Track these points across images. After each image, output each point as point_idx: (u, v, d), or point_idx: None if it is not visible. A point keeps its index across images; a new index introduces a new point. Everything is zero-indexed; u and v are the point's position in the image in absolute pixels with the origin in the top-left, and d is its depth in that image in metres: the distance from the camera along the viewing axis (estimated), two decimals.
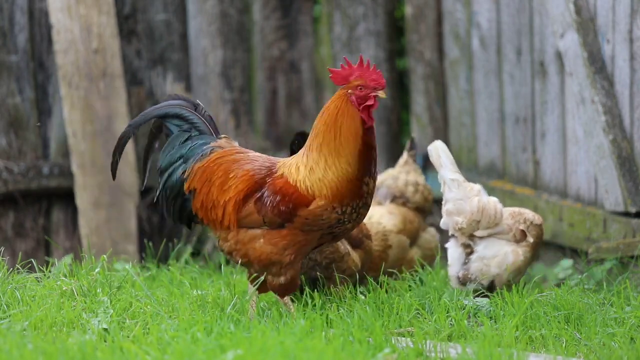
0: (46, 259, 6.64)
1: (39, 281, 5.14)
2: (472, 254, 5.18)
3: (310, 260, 5.01)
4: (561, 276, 6.09)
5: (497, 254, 5.16)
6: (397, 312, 4.70)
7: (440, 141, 5.23)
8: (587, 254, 6.02)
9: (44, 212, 6.95)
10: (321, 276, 5.03)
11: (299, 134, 5.10)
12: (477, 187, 5.19)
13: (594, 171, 6.12)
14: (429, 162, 5.29)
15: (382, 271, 5.31)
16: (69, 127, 6.84)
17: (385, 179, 5.79)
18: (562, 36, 6.17)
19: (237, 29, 7.32)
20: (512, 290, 4.98)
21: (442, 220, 5.19)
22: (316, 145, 4.59)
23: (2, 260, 5.17)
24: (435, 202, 5.88)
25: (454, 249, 5.22)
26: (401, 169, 5.82)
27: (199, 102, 4.85)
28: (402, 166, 5.84)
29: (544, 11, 6.39)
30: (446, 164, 5.16)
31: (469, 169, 7.05)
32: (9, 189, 6.77)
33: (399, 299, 4.80)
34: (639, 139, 5.85)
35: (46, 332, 4.46)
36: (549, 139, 6.50)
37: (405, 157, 5.86)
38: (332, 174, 4.57)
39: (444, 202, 5.19)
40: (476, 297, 5.01)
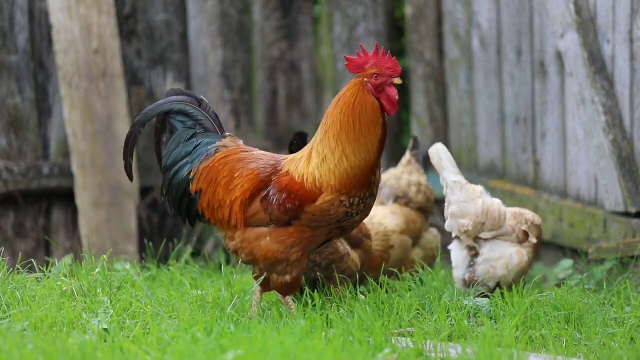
0: (46, 259, 6.64)
1: (39, 281, 5.14)
2: (477, 256, 5.17)
3: (309, 261, 5.01)
4: (561, 276, 6.08)
5: (502, 256, 5.16)
6: (397, 312, 4.70)
7: (440, 143, 5.22)
8: (587, 254, 6.02)
9: (44, 212, 6.95)
10: (321, 276, 5.03)
11: (297, 134, 5.09)
12: (480, 189, 5.19)
13: (594, 171, 6.12)
14: (429, 162, 5.28)
15: (384, 271, 5.31)
16: (69, 127, 6.84)
17: (387, 178, 5.77)
18: (562, 36, 6.17)
19: (237, 29, 7.32)
20: (512, 290, 4.98)
21: (447, 222, 5.18)
22: (333, 133, 4.55)
23: (2, 260, 5.17)
24: (435, 202, 5.88)
25: (458, 251, 5.20)
26: (404, 169, 5.81)
27: (202, 97, 4.81)
28: (405, 166, 5.82)
29: (544, 11, 6.39)
30: (448, 166, 5.15)
31: (469, 169, 7.05)
32: (9, 189, 6.76)
33: (399, 299, 4.79)
34: (639, 139, 5.85)
35: (46, 332, 4.46)
36: (549, 139, 6.50)
37: (407, 156, 5.84)
38: (348, 162, 4.53)
39: (446, 204, 5.18)
40: (476, 297, 5.01)
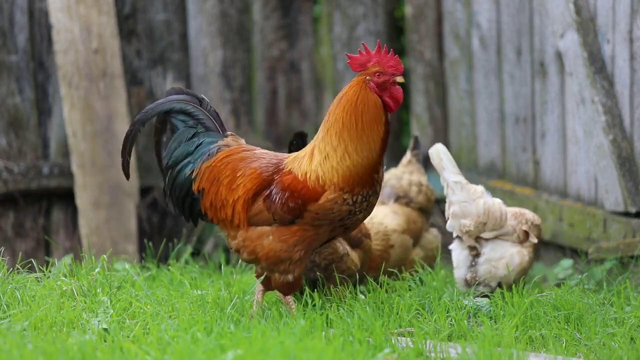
0: (46, 259, 6.64)
1: (39, 281, 5.14)
2: (478, 256, 5.17)
3: (309, 261, 5.00)
4: (561, 276, 6.08)
5: (504, 256, 5.16)
6: (397, 312, 4.70)
7: (441, 144, 5.21)
8: (587, 254, 6.02)
9: (44, 212, 6.95)
10: (321, 276, 5.03)
11: (297, 134, 5.09)
12: (481, 189, 5.18)
13: (594, 171, 6.12)
14: (430, 162, 5.28)
15: (384, 271, 5.31)
16: (69, 127, 6.84)
17: (389, 178, 5.77)
18: (562, 36, 6.17)
19: (237, 29, 7.32)
20: (512, 290, 4.98)
21: (448, 222, 5.17)
22: (335, 131, 4.55)
23: (2, 260, 5.17)
24: (435, 202, 5.88)
25: (459, 251, 5.20)
26: (404, 169, 5.81)
27: (203, 97, 4.80)
28: (406, 166, 5.82)
29: (544, 11, 6.39)
30: (448, 167, 5.15)
31: (469, 169, 7.05)
32: (9, 189, 6.76)
33: (399, 299, 4.79)
34: (639, 139, 5.85)
35: (46, 332, 4.46)
36: (549, 139, 6.49)
37: (408, 156, 5.84)
38: (350, 160, 4.53)
39: (447, 204, 5.18)
40: (476, 297, 5.01)
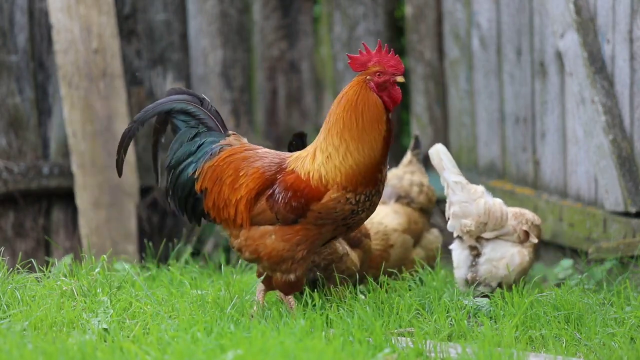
0: (46, 259, 6.64)
1: (39, 281, 5.14)
2: (479, 256, 5.16)
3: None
4: (561, 276, 6.08)
5: (504, 256, 5.16)
6: (397, 312, 4.70)
7: (441, 144, 5.21)
8: (587, 254, 6.02)
9: (44, 212, 6.95)
10: (321, 276, 5.03)
11: (296, 135, 5.09)
12: (481, 189, 5.18)
13: (594, 171, 6.12)
14: (429, 162, 5.28)
15: (384, 271, 5.31)
16: (69, 127, 6.84)
17: (390, 178, 5.76)
18: (562, 36, 6.17)
19: (237, 29, 7.32)
20: (512, 290, 4.98)
21: (449, 223, 5.17)
22: (336, 131, 4.55)
23: (2, 260, 5.17)
24: (436, 202, 5.87)
25: (459, 251, 5.20)
26: (405, 169, 5.80)
27: (204, 96, 4.79)
28: (406, 166, 5.82)
29: (544, 11, 6.39)
30: (448, 167, 5.15)
31: (469, 169, 7.05)
32: (9, 189, 6.76)
33: (399, 299, 4.79)
34: (639, 139, 5.85)
35: (46, 332, 4.46)
36: (549, 139, 6.49)
37: (409, 156, 5.84)
38: (353, 159, 4.53)
39: (448, 204, 5.18)
40: (476, 297, 5.01)
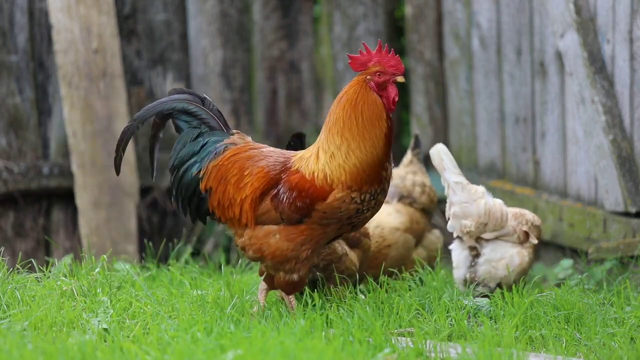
0: (46, 259, 6.64)
1: (39, 281, 5.14)
2: (478, 256, 5.16)
3: None
4: (561, 276, 6.08)
5: (504, 256, 5.15)
6: (397, 312, 4.70)
7: (441, 144, 5.21)
8: (587, 254, 6.02)
9: (44, 212, 6.95)
10: (321, 276, 5.03)
11: (295, 135, 5.08)
12: (481, 189, 5.18)
13: (594, 171, 6.12)
14: (430, 161, 5.28)
15: (384, 270, 5.31)
16: (69, 127, 6.84)
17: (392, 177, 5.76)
18: (562, 36, 6.17)
19: (237, 29, 7.32)
20: (512, 290, 4.98)
21: (449, 223, 5.17)
22: (337, 130, 4.55)
23: (2, 260, 5.17)
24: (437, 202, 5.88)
25: (459, 252, 5.20)
26: (407, 169, 5.80)
27: (205, 96, 4.78)
28: (407, 165, 5.81)
29: (544, 11, 6.39)
30: (449, 167, 5.15)
31: (469, 169, 7.05)
32: (9, 189, 6.76)
33: (399, 299, 4.79)
34: (639, 139, 5.85)
35: (46, 332, 4.46)
36: (549, 139, 6.49)
37: (409, 156, 5.83)
38: (355, 158, 4.53)
39: (448, 204, 5.18)
40: (476, 297, 5.00)
